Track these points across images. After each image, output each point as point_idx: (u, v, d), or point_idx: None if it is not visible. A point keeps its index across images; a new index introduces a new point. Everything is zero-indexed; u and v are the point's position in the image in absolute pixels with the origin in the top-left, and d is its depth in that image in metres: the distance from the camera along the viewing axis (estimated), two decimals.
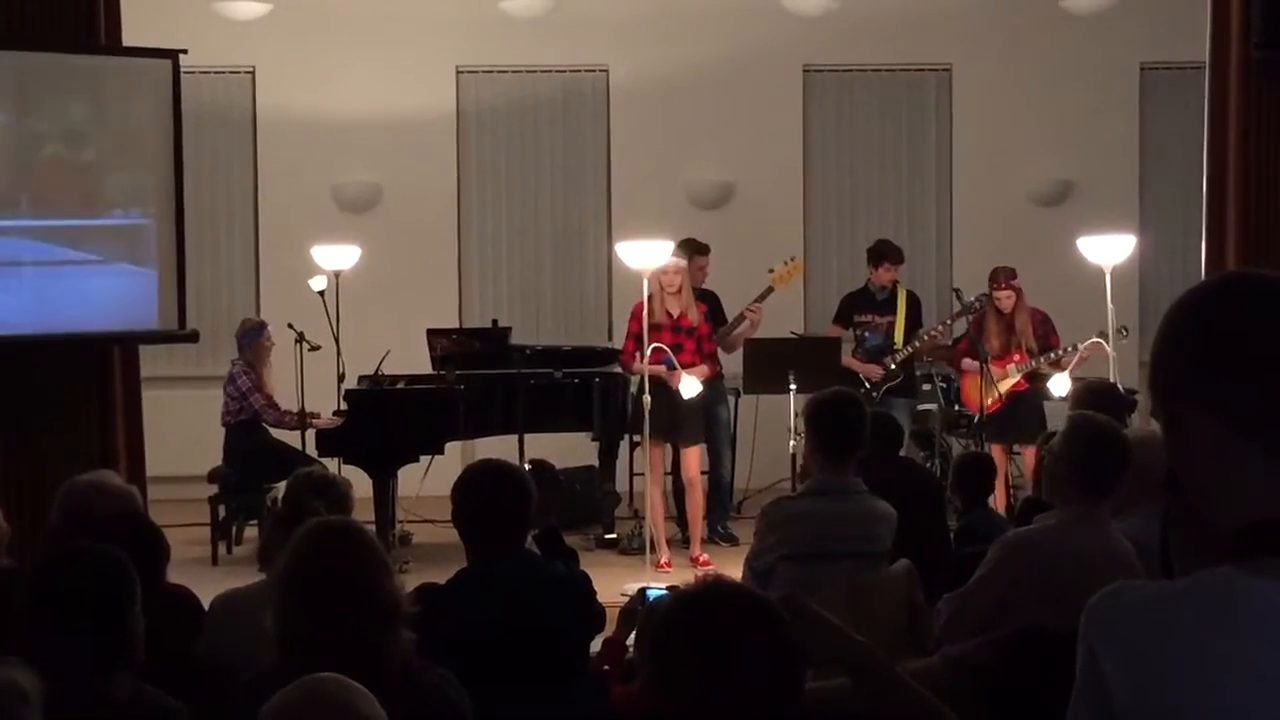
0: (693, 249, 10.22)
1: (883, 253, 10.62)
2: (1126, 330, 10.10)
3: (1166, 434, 1.84)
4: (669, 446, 9.74)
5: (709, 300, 10.19)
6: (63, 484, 4.91)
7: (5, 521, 4.76)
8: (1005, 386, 10.09)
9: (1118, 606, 1.81)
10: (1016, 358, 10.16)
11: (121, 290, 9.07)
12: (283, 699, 2.72)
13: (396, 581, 3.56)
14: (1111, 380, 8.45)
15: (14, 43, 8.53)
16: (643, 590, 4.54)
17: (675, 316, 9.64)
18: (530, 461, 8.98)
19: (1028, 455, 9.75)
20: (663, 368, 9.34)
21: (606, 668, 4.69)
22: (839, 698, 2.86)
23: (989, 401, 10.01)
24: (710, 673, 2.49)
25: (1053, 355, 10.08)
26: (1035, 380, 10.13)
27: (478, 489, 4.60)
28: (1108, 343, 9.36)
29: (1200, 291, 1.86)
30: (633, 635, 4.18)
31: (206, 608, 4.66)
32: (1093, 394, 6.67)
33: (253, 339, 10.29)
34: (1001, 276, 10.28)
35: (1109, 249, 9.62)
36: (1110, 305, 9.37)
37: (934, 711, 2.78)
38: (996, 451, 9.91)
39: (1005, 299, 10.24)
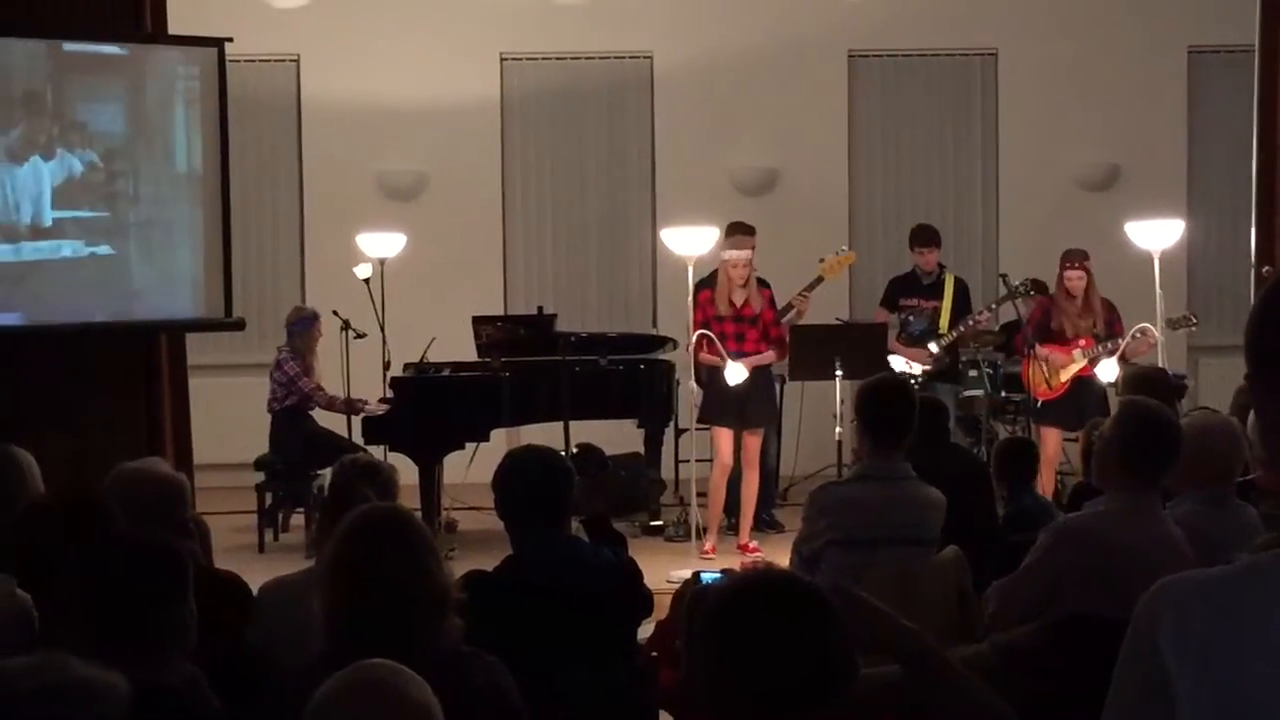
0: (742, 230, 10.19)
1: (917, 236, 10.59)
2: (1194, 319, 9.96)
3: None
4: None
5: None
6: (111, 471, 4.93)
7: None
8: (1071, 371, 9.93)
9: (1178, 595, 1.78)
10: (1083, 342, 9.95)
11: (168, 278, 9.12)
12: (334, 685, 2.71)
13: (445, 568, 3.55)
14: (1161, 366, 8.39)
15: (60, 31, 8.58)
16: (697, 574, 4.52)
17: (739, 306, 9.62)
18: (578, 446, 9.02)
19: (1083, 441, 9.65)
20: (718, 358, 9.35)
21: (655, 654, 4.68)
22: (890, 684, 2.85)
23: (1043, 387, 9.88)
24: (760, 660, 2.48)
25: (1117, 342, 9.88)
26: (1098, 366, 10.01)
27: (517, 476, 4.60)
28: (1171, 330, 9.26)
29: None
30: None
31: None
32: (1142, 380, 6.64)
33: (305, 327, 10.29)
34: (1075, 258, 10.04)
35: (1157, 234, 9.56)
36: (1159, 290, 9.31)
37: (984, 698, 2.77)
38: (1052, 436, 9.83)
39: (1076, 280, 10.03)
